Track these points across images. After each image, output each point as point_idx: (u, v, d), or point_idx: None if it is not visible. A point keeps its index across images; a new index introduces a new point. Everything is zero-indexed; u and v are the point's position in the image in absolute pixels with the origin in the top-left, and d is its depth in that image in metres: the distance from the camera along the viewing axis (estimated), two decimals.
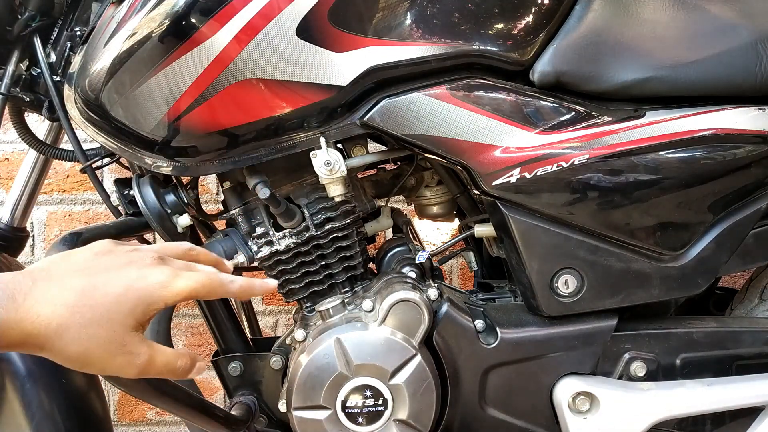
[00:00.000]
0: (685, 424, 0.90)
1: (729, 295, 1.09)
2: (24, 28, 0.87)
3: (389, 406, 0.83)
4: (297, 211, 0.85)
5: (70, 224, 1.69)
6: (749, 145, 0.82)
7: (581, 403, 0.86)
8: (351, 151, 0.87)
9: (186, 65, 0.76)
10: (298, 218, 0.86)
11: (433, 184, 0.99)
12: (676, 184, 0.82)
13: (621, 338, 0.88)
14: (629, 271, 0.85)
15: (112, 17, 0.80)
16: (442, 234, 1.68)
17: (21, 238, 1.03)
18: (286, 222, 0.86)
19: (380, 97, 0.81)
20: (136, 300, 0.54)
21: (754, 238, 0.87)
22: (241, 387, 0.97)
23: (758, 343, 0.89)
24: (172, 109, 0.78)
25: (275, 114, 0.79)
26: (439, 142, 0.81)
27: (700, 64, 0.81)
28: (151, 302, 0.55)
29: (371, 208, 0.94)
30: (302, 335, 0.89)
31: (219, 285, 0.59)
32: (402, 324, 0.84)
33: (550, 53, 0.81)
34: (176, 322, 1.73)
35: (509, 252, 0.88)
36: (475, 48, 0.79)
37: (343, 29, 0.77)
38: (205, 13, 0.74)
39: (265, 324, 1.75)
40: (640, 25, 0.82)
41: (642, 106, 0.82)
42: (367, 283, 0.94)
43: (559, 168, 0.81)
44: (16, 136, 1.02)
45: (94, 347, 0.52)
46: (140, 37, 0.76)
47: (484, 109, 0.80)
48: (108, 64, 0.77)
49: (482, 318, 0.88)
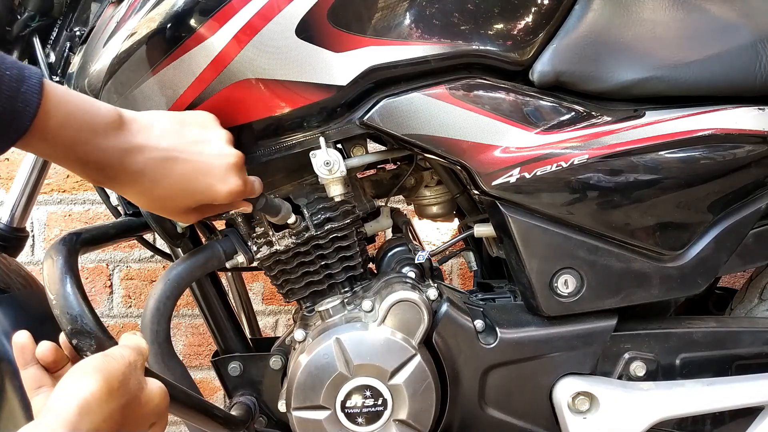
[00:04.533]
0: (685, 424, 0.90)
1: (729, 295, 1.09)
2: (23, 28, 0.88)
3: (389, 406, 0.83)
4: (282, 206, 0.84)
5: (70, 224, 1.69)
6: (749, 145, 0.82)
7: (581, 403, 0.86)
8: (350, 151, 0.87)
9: (185, 65, 0.76)
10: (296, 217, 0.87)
11: (433, 184, 0.99)
12: (676, 184, 0.82)
13: (621, 338, 0.88)
14: (629, 271, 0.85)
15: (111, 17, 0.80)
16: (442, 234, 1.68)
17: (21, 238, 1.03)
18: (272, 217, 0.85)
19: (380, 97, 0.81)
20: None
21: (754, 238, 0.87)
22: (240, 387, 0.97)
23: (758, 343, 0.89)
24: (171, 108, 0.78)
25: (274, 114, 0.79)
26: (438, 142, 0.81)
27: (700, 64, 0.81)
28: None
29: (371, 208, 0.94)
30: (302, 335, 0.89)
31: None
32: (402, 324, 0.84)
33: (550, 53, 0.81)
34: (176, 322, 1.73)
35: (509, 252, 0.88)
36: (475, 48, 0.79)
37: (343, 29, 0.77)
38: (204, 13, 0.74)
39: (265, 324, 1.75)
40: (639, 25, 0.82)
41: (642, 106, 0.82)
42: (367, 283, 0.94)
43: (559, 168, 0.81)
44: None
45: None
46: (139, 37, 0.76)
47: (483, 109, 0.80)
48: (107, 64, 0.77)
49: (482, 318, 0.88)
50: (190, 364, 1.75)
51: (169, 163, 0.66)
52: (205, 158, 0.68)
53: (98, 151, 0.61)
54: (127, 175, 0.64)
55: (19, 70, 0.54)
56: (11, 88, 0.53)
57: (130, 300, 1.73)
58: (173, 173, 0.66)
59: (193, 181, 0.68)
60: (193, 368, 1.75)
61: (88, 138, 0.60)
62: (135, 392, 0.55)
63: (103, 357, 0.54)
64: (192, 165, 0.67)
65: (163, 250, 1.05)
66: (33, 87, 0.55)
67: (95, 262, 1.71)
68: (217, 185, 0.69)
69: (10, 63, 0.54)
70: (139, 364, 0.57)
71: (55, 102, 0.57)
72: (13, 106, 0.54)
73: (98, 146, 0.61)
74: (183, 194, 0.68)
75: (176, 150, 0.67)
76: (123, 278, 1.72)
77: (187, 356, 1.75)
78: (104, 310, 1.72)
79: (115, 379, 0.52)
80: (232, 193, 0.70)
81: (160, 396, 0.58)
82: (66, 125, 0.58)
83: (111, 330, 0.69)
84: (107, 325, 1.54)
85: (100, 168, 0.62)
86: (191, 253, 0.86)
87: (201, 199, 0.70)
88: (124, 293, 1.73)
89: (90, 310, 0.64)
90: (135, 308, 1.73)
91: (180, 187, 0.67)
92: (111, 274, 1.72)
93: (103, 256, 1.71)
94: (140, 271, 1.72)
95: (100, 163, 0.62)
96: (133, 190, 0.66)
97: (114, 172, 0.63)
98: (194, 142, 0.68)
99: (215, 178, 0.69)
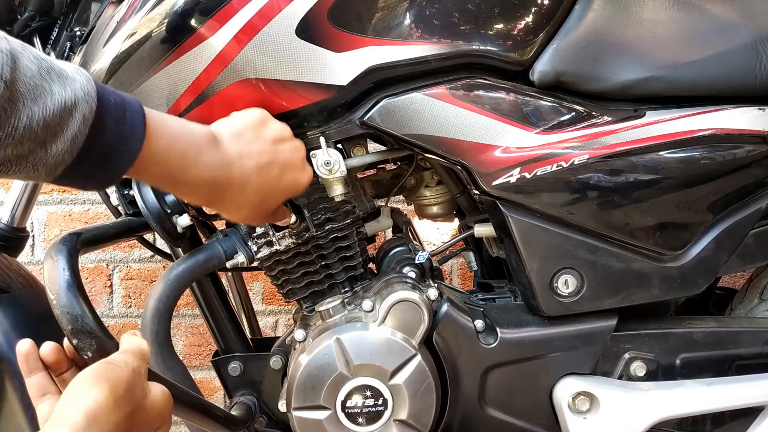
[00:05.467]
0: (685, 424, 0.90)
1: (729, 295, 1.09)
2: (24, 28, 0.88)
3: (389, 406, 0.83)
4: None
5: (70, 224, 1.69)
6: (749, 145, 0.82)
7: (581, 403, 0.86)
8: (351, 151, 0.87)
9: (185, 65, 0.76)
10: (297, 217, 0.87)
11: (433, 184, 0.99)
12: (676, 184, 0.82)
13: (621, 338, 0.88)
14: (629, 271, 0.85)
15: (111, 17, 0.80)
16: (442, 234, 1.68)
17: (21, 238, 1.03)
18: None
19: (380, 97, 0.81)
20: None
21: (754, 238, 0.87)
22: (241, 387, 0.97)
23: (758, 343, 0.89)
24: (171, 108, 0.78)
25: (275, 114, 0.79)
26: (438, 142, 0.81)
27: (700, 64, 0.81)
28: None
29: (371, 208, 0.94)
30: (302, 335, 0.89)
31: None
32: (402, 324, 0.84)
33: (550, 53, 0.81)
34: (176, 322, 1.73)
35: (509, 252, 0.88)
36: (475, 48, 0.79)
37: (343, 29, 0.77)
38: (204, 12, 0.74)
39: (265, 324, 1.75)
40: (640, 25, 0.82)
41: (642, 106, 0.82)
42: (367, 283, 0.94)
43: (559, 168, 0.81)
44: None
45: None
46: (140, 37, 0.76)
47: (484, 108, 0.80)
48: (107, 64, 0.77)
49: (482, 318, 0.88)
50: (190, 364, 1.75)
51: (266, 165, 0.69)
52: (287, 154, 0.72)
53: (207, 168, 0.63)
54: (234, 188, 0.67)
55: (120, 96, 0.55)
56: (116, 115, 0.54)
57: (130, 300, 1.73)
58: (271, 174, 0.70)
59: (283, 178, 0.71)
60: (193, 368, 1.75)
61: (196, 157, 0.62)
62: (140, 399, 0.55)
63: (107, 365, 0.54)
64: (281, 162, 0.71)
65: (163, 250, 1.05)
66: (136, 113, 0.56)
67: (95, 262, 1.71)
68: (300, 176, 0.74)
69: (110, 90, 0.55)
70: (142, 369, 0.57)
71: (158, 125, 0.58)
72: (121, 133, 0.54)
73: (206, 163, 0.63)
74: (276, 192, 0.72)
75: (266, 152, 0.69)
76: (123, 278, 1.72)
77: (187, 356, 1.75)
78: (104, 310, 1.72)
79: (120, 387, 0.52)
80: (309, 182, 0.75)
81: (164, 400, 0.59)
82: (172, 147, 0.60)
83: (111, 330, 0.69)
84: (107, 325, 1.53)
85: (210, 185, 0.64)
86: (191, 253, 0.86)
87: (289, 194, 0.74)
88: (124, 293, 1.73)
89: (90, 309, 0.64)
90: (135, 308, 1.73)
91: (275, 186, 0.71)
92: (111, 274, 1.72)
93: (103, 256, 1.71)
94: (140, 271, 1.72)
95: (210, 181, 0.64)
96: (239, 201, 0.68)
97: (223, 187, 0.66)
98: (274, 140, 0.71)
99: (298, 170, 0.73)
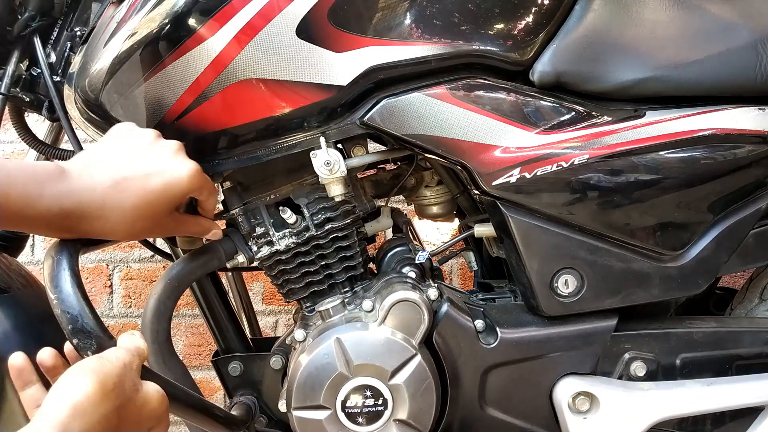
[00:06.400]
0: (685, 424, 0.90)
1: (729, 295, 1.09)
2: (24, 28, 0.87)
3: (389, 406, 0.83)
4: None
5: None
6: (749, 145, 0.82)
7: (581, 403, 0.86)
8: (351, 151, 0.87)
9: (186, 65, 0.76)
10: (297, 217, 0.87)
11: (433, 184, 0.99)
12: (676, 184, 0.82)
13: (621, 338, 0.88)
14: (629, 271, 0.85)
15: (112, 17, 0.80)
16: (442, 234, 1.68)
17: (21, 238, 1.03)
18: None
19: (380, 97, 0.81)
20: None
21: (754, 238, 0.87)
22: (241, 387, 0.97)
23: (758, 343, 0.89)
24: (171, 109, 0.78)
25: (275, 114, 0.79)
26: (439, 142, 0.81)
27: (700, 64, 0.81)
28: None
29: (371, 208, 0.94)
30: (302, 335, 0.89)
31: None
32: (402, 324, 0.84)
33: (550, 53, 0.81)
34: (176, 322, 1.73)
35: (509, 252, 0.88)
36: (475, 48, 0.79)
37: (343, 29, 0.77)
38: (204, 13, 0.74)
39: (265, 324, 1.75)
40: (640, 25, 0.82)
41: (642, 106, 0.82)
42: (367, 283, 0.94)
43: (559, 168, 0.81)
44: (16, 136, 1.02)
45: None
46: (140, 37, 0.76)
47: (484, 109, 0.80)
48: (108, 64, 0.77)
49: (482, 318, 0.88)
50: (190, 364, 1.75)
51: (122, 183, 0.67)
52: (146, 159, 0.69)
53: (53, 200, 0.63)
54: (92, 213, 0.65)
55: None
56: None
57: (130, 300, 1.73)
58: (130, 190, 0.67)
59: (148, 187, 0.68)
60: (193, 368, 1.75)
61: (39, 192, 0.62)
62: (130, 394, 0.54)
63: (98, 359, 0.54)
64: (139, 174, 0.68)
65: (163, 250, 1.05)
66: None
67: (95, 262, 1.71)
68: (171, 180, 0.69)
69: None
70: (134, 365, 0.57)
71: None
72: None
73: (52, 196, 0.62)
74: (151, 205, 0.69)
75: (119, 169, 0.67)
76: (123, 278, 1.72)
77: (187, 356, 1.75)
78: (104, 310, 1.72)
79: (109, 380, 0.52)
80: (192, 175, 0.71)
81: (157, 399, 0.58)
82: (12, 184, 0.60)
83: (111, 330, 0.69)
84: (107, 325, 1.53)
85: (63, 216, 0.64)
86: (191, 253, 0.86)
87: (168, 200, 0.70)
88: (124, 293, 1.73)
89: (90, 309, 0.64)
90: (135, 308, 1.73)
91: (145, 200, 0.68)
92: (111, 274, 1.72)
93: (103, 256, 1.71)
94: (140, 271, 1.72)
95: (61, 213, 0.63)
96: (110, 225, 0.67)
97: (78, 216, 0.65)
98: (127, 153, 0.69)
99: (165, 174, 0.69)
